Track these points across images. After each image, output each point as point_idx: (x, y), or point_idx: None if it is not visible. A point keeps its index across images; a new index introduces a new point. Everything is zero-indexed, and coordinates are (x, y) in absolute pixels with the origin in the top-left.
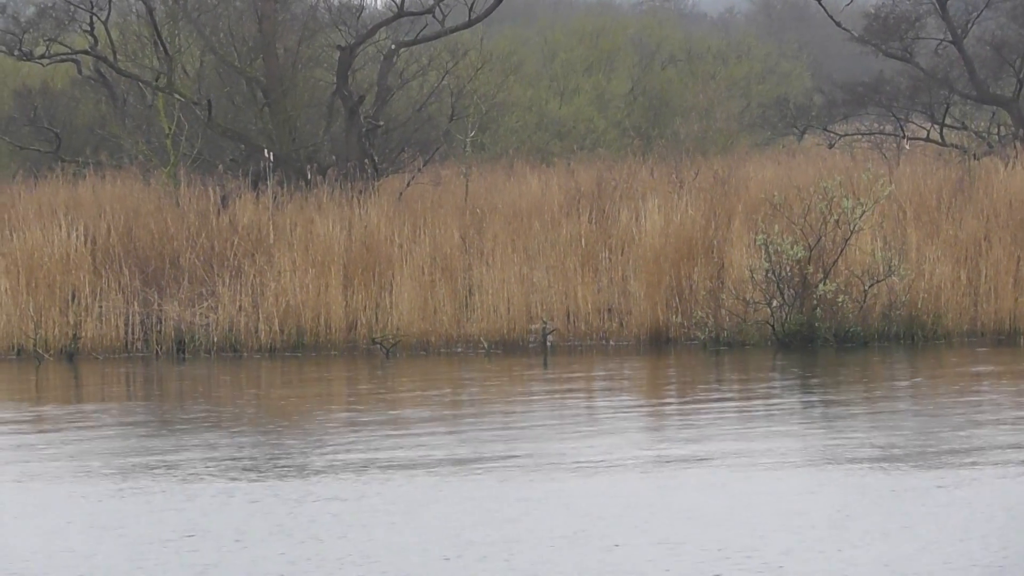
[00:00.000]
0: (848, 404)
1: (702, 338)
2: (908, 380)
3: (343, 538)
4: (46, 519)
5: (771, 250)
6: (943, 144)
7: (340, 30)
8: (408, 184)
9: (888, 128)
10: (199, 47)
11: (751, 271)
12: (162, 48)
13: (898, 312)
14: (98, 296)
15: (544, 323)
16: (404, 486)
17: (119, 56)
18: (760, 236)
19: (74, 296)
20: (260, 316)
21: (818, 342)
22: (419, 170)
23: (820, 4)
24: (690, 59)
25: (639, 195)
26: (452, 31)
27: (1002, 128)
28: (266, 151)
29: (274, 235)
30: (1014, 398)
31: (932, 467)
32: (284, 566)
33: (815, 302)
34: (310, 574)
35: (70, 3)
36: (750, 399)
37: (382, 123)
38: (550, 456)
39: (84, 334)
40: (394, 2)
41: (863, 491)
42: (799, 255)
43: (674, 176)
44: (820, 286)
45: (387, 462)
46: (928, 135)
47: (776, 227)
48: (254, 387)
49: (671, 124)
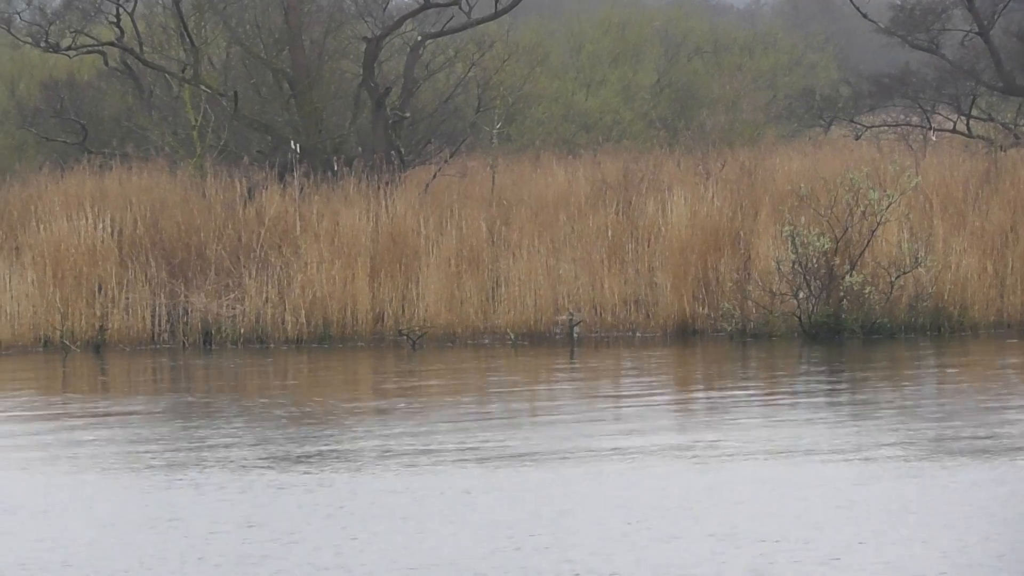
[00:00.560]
0: (886, 396)
1: (729, 330)
2: (941, 372)
3: (397, 530)
4: (99, 511)
5: (798, 241)
6: (969, 136)
7: (366, 21)
8: (434, 176)
9: (914, 120)
10: (225, 39)
11: (778, 262)
12: (188, 40)
13: (924, 304)
14: (125, 288)
15: (571, 315)
16: (454, 478)
17: (145, 48)
18: (787, 227)
19: (100, 288)
20: (287, 308)
21: (845, 334)
22: (445, 162)
23: None
24: (716, 51)
25: (665, 187)
26: (478, 23)
27: None
28: (292, 143)
29: (300, 227)
30: None
31: (986, 459)
32: (340, 558)
33: (842, 293)
34: (366, 566)
35: None
36: (783, 391)
37: (408, 115)
38: (593, 448)
39: (111, 326)
40: None
41: (918, 482)
42: (826, 246)
43: (700, 168)
44: (847, 277)
45: (436, 453)
46: (954, 127)
47: (803, 218)
48: (286, 379)
49: (697, 116)
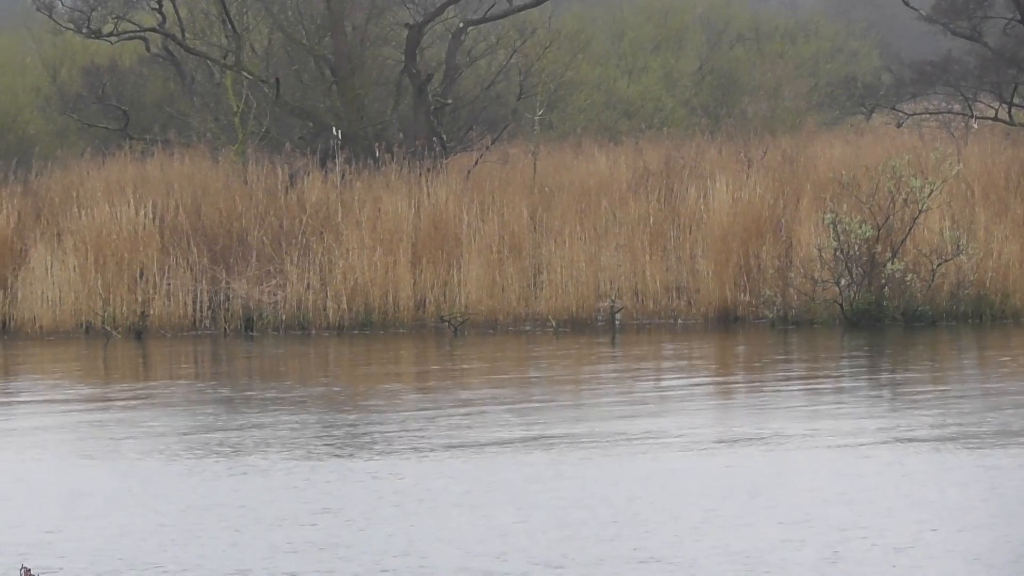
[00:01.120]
0: (944, 384)
1: (770, 317)
2: (995, 359)
3: (466, 518)
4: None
5: (839, 229)
6: (1011, 123)
7: (408, 8)
8: (476, 162)
9: (956, 107)
10: (267, 25)
11: (819, 250)
12: (230, 26)
13: (966, 291)
14: (166, 274)
15: (612, 301)
16: (520, 465)
17: (187, 34)
18: (828, 215)
19: (142, 274)
20: (328, 294)
21: (886, 321)
22: (487, 148)
23: None
24: (758, 38)
25: (707, 174)
26: (520, 9)
27: None
28: (334, 129)
29: (342, 213)
30: None
31: None
32: (413, 544)
33: (883, 281)
34: (438, 552)
35: None
36: (835, 378)
37: (450, 101)
38: (653, 434)
39: (152, 311)
40: None
41: (985, 470)
42: (867, 234)
43: (742, 155)
44: (888, 265)
45: (498, 441)
46: (996, 114)
47: (844, 206)
48: (332, 366)
49: (739, 103)
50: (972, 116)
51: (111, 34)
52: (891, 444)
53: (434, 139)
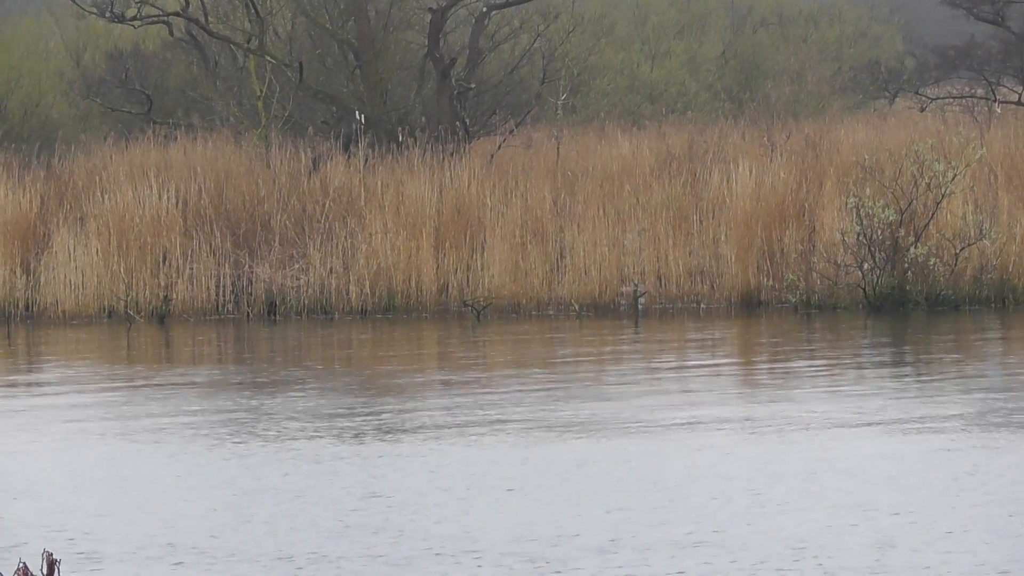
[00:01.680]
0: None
1: (793, 301)
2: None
3: (518, 502)
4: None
5: (862, 213)
6: None
7: None
8: (499, 147)
9: (979, 92)
10: (290, 9)
11: (842, 234)
12: (254, 10)
13: (989, 275)
14: (189, 258)
15: (635, 286)
16: (566, 449)
17: (210, 18)
18: (851, 199)
19: (165, 258)
20: (351, 278)
21: (909, 305)
22: (511, 133)
23: None
24: (781, 22)
25: (730, 158)
26: None
27: None
28: (357, 113)
29: (365, 197)
30: None
31: None
32: (464, 529)
33: (906, 265)
34: (489, 537)
35: None
36: (871, 363)
37: (473, 86)
38: (696, 419)
39: (175, 296)
40: None
41: None
42: (890, 218)
43: (765, 139)
44: (911, 249)
45: (542, 425)
46: (1020, 99)
47: (867, 190)
48: (361, 350)
49: (762, 87)
50: (995, 100)
51: (134, 18)
52: (936, 428)
53: (457, 123)
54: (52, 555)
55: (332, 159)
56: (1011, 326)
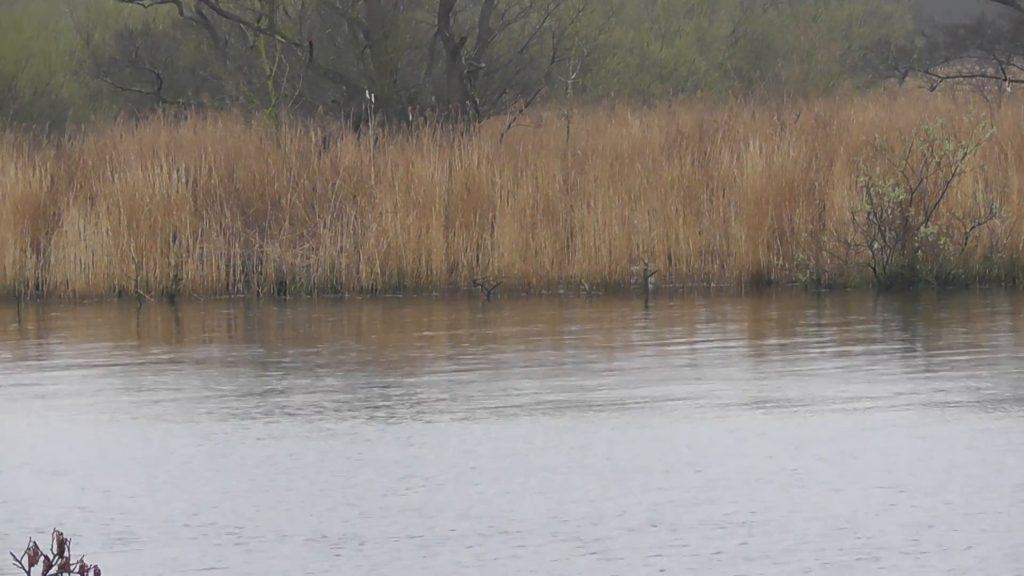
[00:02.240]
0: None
1: (803, 280)
2: None
3: (555, 482)
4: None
5: (873, 192)
6: None
7: None
8: (509, 126)
9: (990, 71)
10: None
11: (852, 213)
12: None
13: (999, 254)
14: (199, 237)
15: (646, 265)
16: (592, 427)
17: None
18: (862, 178)
19: (175, 237)
20: (361, 257)
21: (919, 284)
22: (520, 112)
23: None
24: (791, 1)
25: (740, 137)
26: None
27: None
28: (367, 92)
29: (375, 177)
30: None
31: None
32: (501, 507)
33: (916, 244)
34: (529, 517)
35: None
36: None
37: (483, 65)
38: (723, 398)
39: (185, 275)
40: None
41: None
42: (901, 197)
43: (775, 118)
44: (921, 228)
45: (565, 403)
46: None
47: (878, 169)
48: (376, 329)
49: (772, 66)
50: (1005, 79)
51: None
52: (970, 408)
53: (467, 102)
54: (62, 534)
55: (342, 138)
56: (1022, 305)
